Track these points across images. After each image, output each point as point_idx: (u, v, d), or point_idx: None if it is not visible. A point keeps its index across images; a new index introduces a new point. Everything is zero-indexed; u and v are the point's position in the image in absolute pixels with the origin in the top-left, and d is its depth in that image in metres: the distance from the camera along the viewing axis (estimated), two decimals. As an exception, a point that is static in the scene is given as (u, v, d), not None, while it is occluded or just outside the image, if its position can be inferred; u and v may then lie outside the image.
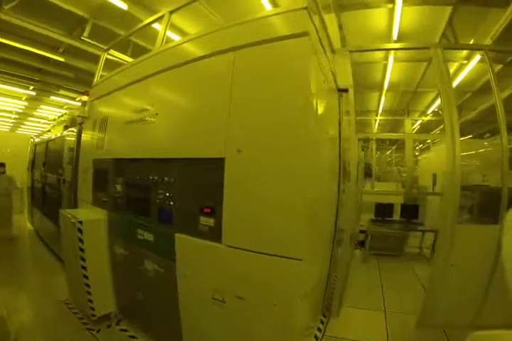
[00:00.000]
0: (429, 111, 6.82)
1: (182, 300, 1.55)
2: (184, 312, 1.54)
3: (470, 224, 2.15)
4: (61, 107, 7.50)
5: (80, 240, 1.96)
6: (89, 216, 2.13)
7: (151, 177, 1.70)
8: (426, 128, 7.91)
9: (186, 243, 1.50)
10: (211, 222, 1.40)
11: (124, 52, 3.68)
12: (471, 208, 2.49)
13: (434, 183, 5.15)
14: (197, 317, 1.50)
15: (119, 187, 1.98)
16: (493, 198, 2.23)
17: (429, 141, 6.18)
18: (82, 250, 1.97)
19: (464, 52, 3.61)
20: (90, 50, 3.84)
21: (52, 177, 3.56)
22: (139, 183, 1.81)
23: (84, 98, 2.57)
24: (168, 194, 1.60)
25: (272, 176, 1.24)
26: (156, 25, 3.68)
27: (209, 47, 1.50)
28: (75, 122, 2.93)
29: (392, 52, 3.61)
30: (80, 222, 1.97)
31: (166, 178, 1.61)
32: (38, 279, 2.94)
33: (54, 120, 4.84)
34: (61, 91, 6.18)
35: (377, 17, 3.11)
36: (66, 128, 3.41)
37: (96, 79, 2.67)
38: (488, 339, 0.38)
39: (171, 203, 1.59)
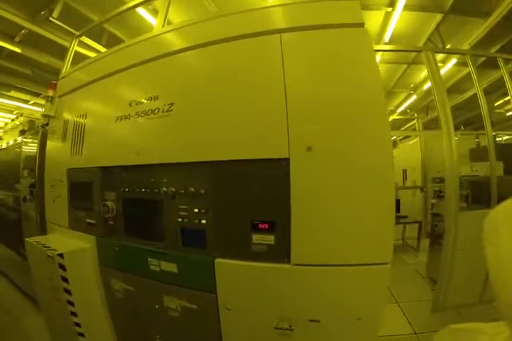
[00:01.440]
0: (399, 110, 7.44)
1: (228, 338, 1.18)
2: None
3: (468, 210, 2.33)
4: (11, 112, 5.95)
5: (64, 279, 1.41)
6: (70, 245, 1.56)
7: (164, 189, 1.27)
8: (393, 127, 8.60)
9: (232, 269, 1.14)
10: (270, 239, 1.07)
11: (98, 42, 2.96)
12: (466, 197, 2.71)
13: (405, 178, 5.58)
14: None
15: (111, 205, 1.47)
16: (483, 186, 2.40)
17: (394, 137, 6.78)
18: (68, 291, 1.41)
19: (441, 56, 3.94)
20: (56, 39, 2.98)
21: (6, 195, 2.67)
22: (145, 198, 1.36)
23: (50, 92, 1.91)
24: (197, 209, 1.21)
25: (351, 175, 1.00)
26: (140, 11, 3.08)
27: (248, 26, 1.19)
28: (34, 125, 2.18)
29: (380, 53, 3.74)
30: (61, 255, 1.41)
31: (191, 189, 1.21)
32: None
33: (6, 124, 3.64)
34: (12, 93, 4.81)
35: (372, 19, 3.13)
36: (23, 133, 2.56)
37: (65, 69, 2.04)
38: (465, 333, 0.33)
39: (203, 221, 1.20)
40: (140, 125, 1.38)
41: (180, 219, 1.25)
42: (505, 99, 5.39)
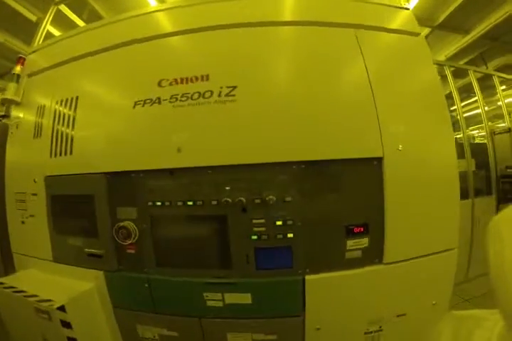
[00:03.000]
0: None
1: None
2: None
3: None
4: None
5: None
6: (61, 287, 1.08)
7: (228, 200, 0.96)
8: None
9: (325, 283, 0.98)
10: (365, 242, 0.98)
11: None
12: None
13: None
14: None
15: (131, 226, 1.04)
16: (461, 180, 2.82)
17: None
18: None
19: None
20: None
21: None
22: (195, 213, 1.01)
23: (17, 69, 1.29)
24: (281, 222, 0.96)
25: (428, 172, 1.03)
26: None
27: (326, 15, 1.08)
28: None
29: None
30: (62, 309, 0.94)
31: (271, 197, 0.95)
32: None
33: None
34: None
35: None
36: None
37: (37, 41, 1.39)
38: (469, 319, 0.35)
39: (289, 235, 0.96)
40: (179, 112, 1.01)
41: (255, 237, 0.98)
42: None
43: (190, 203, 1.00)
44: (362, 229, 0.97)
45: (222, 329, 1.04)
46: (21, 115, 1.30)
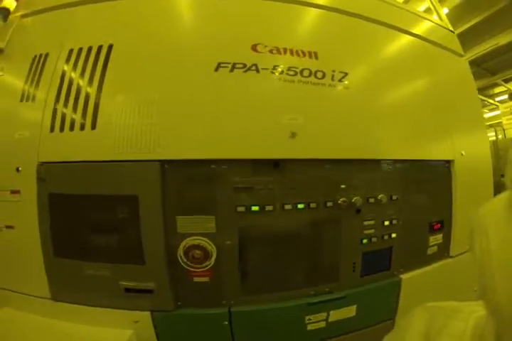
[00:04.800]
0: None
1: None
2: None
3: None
4: None
5: None
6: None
7: (344, 200, 0.82)
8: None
9: (415, 281, 0.99)
10: (440, 238, 1.07)
11: None
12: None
13: None
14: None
15: (208, 245, 0.71)
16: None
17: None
18: None
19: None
20: None
21: None
22: (305, 218, 0.80)
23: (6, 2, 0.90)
24: (386, 222, 0.91)
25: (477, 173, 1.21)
26: None
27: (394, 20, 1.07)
28: None
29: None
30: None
31: (380, 196, 0.89)
32: None
33: None
34: None
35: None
36: None
37: None
38: (442, 310, 0.35)
39: (393, 235, 0.93)
40: (289, 88, 0.79)
41: (366, 241, 0.88)
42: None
43: (300, 206, 0.78)
44: (439, 226, 1.05)
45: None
46: (3, 66, 0.89)
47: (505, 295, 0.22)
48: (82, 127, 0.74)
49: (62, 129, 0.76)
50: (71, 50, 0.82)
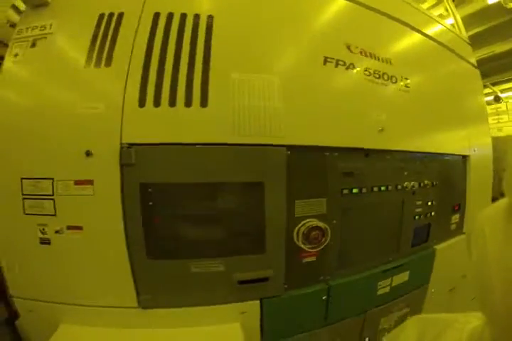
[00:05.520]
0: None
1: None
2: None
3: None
4: None
5: None
6: None
7: (406, 184, 1.01)
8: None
9: (443, 251, 1.24)
10: (457, 217, 1.34)
11: None
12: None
13: None
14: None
15: (323, 225, 0.78)
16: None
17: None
18: None
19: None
20: None
21: None
22: (382, 200, 0.95)
23: None
24: (429, 202, 1.13)
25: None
26: None
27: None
28: None
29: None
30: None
31: (426, 182, 1.10)
32: None
33: None
34: None
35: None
36: None
37: None
38: (433, 322, 0.36)
39: (432, 213, 1.15)
40: (376, 89, 0.92)
41: (417, 217, 1.08)
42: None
43: (383, 188, 0.93)
44: (458, 207, 1.31)
45: (379, 315, 1.04)
46: (51, 23, 0.74)
47: (503, 302, 0.22)
48: (188, 103, 0.66)
49: (157, 104, 0.65)
50: (157, 14, 0.73)
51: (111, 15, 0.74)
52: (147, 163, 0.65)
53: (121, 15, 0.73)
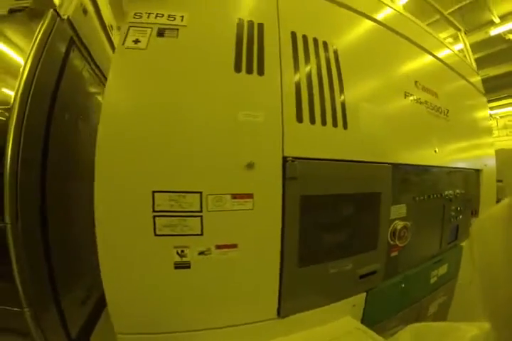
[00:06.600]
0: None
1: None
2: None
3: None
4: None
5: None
6: None
7: (446, 193, 1.28)
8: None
9: (467, 246, 1.51)
10: (474, 220, 1.63)
11: None
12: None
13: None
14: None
15: (408, 225, 0.99)
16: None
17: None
18: None
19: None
20: None
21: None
22: (434, 204, 1.20)
23: None
24: (458, 208, 1.40)
25: None
26: None
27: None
28: None
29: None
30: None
31: (457, 191, 1.37)
32: None
33: None
34: None
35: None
36: None
37: None
38: (429, 331, 0.35)
39: (460, 217, 1.42)
40: (432, 118, 1.18)
41: (452, 220, 1.34)
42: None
43: (434, 196, 1.18)
44: (474, 212, 1.59)
45: (430, 301, 1.26)
46: (183, 15, 0.67)
47: (507, 304, 0.22)
48: (335, 124, 0.75)
49: (313, 121, 0.70)
50: (293, 33, 0.76)
51: (251, 22, 0.72)
52: (306, 176, 0.70)
53: (261, 25, 0.73)
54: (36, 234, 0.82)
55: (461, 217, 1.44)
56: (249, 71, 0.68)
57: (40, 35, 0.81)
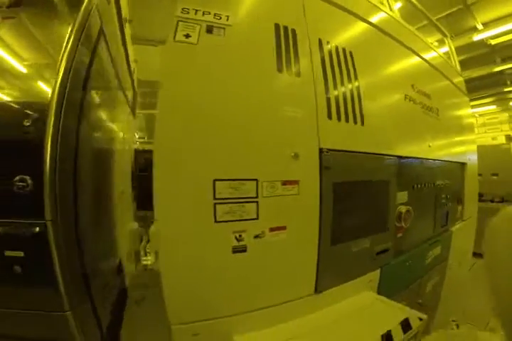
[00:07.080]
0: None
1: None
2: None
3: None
4: None
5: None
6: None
7: (437, 183, 1.46)
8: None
9: (456, 232, 1.70)
10: (460, 208, 1.83)
11: None
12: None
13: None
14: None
15: (408, 209, 1.13)
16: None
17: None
18: None
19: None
20: None
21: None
22: (429, 192, 1.37)
23: None
24: (448, 196, 1.60)
25: None
26: None
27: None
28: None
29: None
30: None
31: (446, 181, 1.57)
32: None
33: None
34: None
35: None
36: None
37: None
38: (459, 338, 0.36)
39: (449, 204, 1.63)
40: (426, 117, 1.36)
41: (444, 206, 1.53)
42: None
43: (429, 185, 1.36)
44: (460, 201, 1.81)
45: (427, 280, 1.42)
46: (228, 15, 0.72)
47: None
48: (355, 121, 0.88)
49: (339, 118, 0.83)
50: (320, 40, 0.86)
51: (286, 28, 0.80)
52: (336, 165, 0.82)
53: (294, 31, 0.81)
54: (73, 232, 0.81)
55: (449, 204, 1.64)
56: (289, 72, 0.77)
57: (76, 25, 0.77)
